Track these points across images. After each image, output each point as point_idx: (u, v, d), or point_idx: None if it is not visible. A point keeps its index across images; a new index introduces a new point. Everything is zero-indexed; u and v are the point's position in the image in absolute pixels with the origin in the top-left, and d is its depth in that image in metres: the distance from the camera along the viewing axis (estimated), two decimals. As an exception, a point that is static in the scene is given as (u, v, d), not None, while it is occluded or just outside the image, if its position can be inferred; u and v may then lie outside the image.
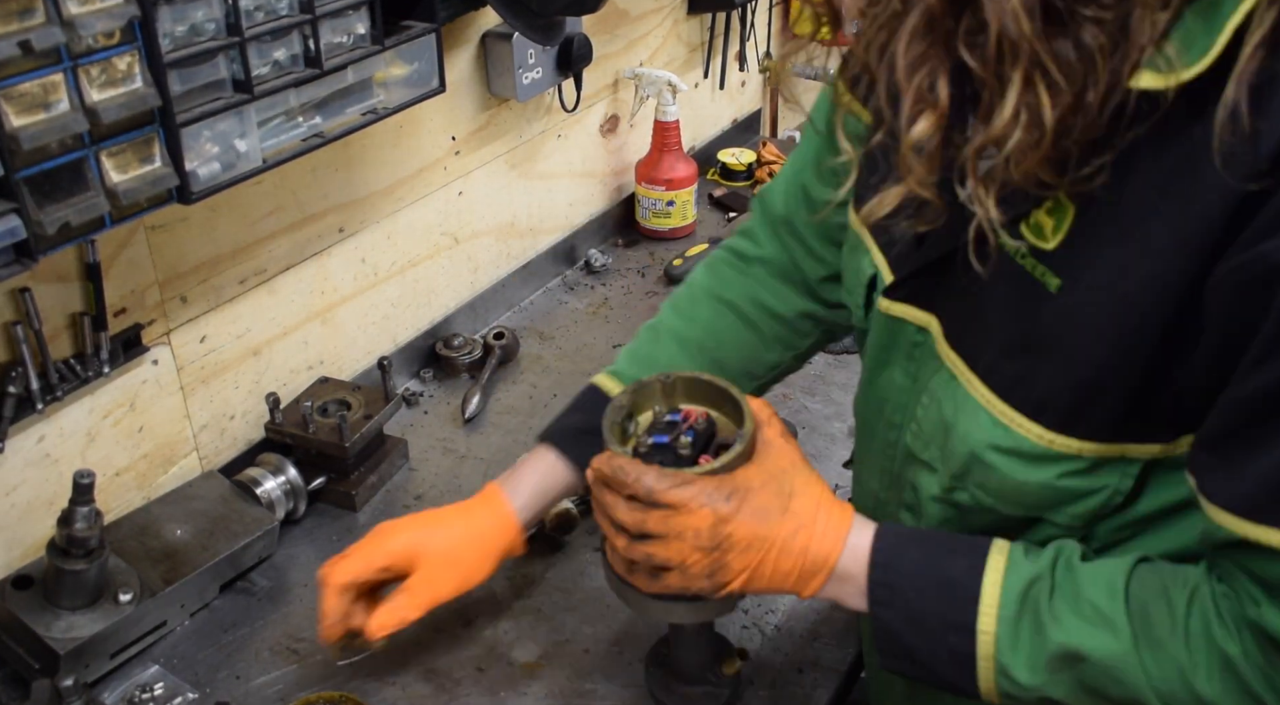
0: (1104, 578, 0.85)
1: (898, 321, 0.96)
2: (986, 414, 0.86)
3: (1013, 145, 0.72)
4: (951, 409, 0.89)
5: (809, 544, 0.93)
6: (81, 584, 1.22)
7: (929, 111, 0.75)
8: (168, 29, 1.10)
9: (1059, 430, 0.83)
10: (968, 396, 0.88)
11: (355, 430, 1.50)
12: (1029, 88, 0.70)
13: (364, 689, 1.26)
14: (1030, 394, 0.84)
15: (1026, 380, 0.84)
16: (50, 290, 1.26)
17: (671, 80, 2.07)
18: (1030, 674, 0.86)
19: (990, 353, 0.86)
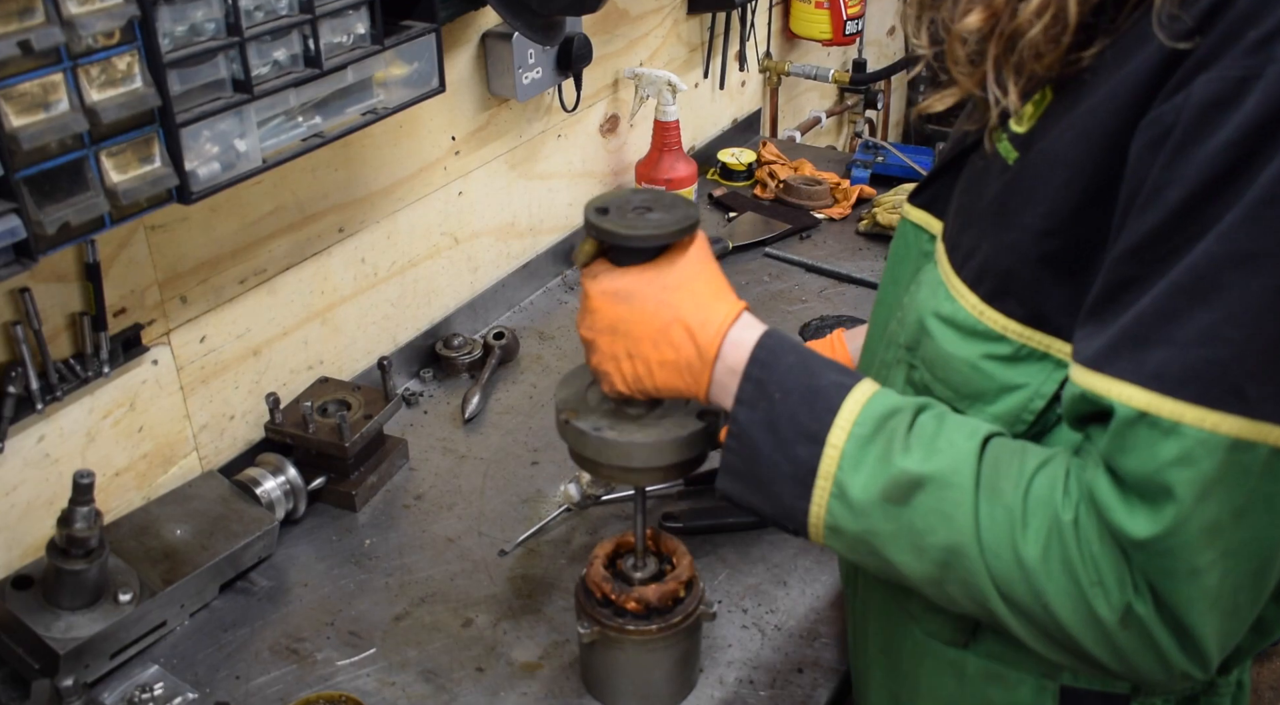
0: (971, 424, 0.85)
1: (913, 228, 1.00)
2: (943, 286, 0.90)
3: (1034, 34, 0.76)
4: (924, 284, 0.94)
5: (686, 335, 0.93)
6: (81, 584, 1.22)
7: (981, 6, 0.79)
8: (167, 29, 1.10)
9: (990, 302, 0.85)
10: (937, 274, 0.92)
11: (355, 430, 1.50)
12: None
13: (364, 689, 1.26)
14: (973, 262, 0.87)
15: (975, 251, 0.87)
16: (50, 290, 1.26)
17: (671, 80, 2.07)
18: (865, 497, 0.84)
19: (959, 231, 0.91)
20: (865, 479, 0.84)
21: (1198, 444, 0.71)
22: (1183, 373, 0.71)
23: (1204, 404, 0.71)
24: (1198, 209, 0.70)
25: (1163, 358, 0.72)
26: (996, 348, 0.85)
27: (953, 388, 0.89)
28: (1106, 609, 0.76)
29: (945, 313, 0.89)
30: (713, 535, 1.47)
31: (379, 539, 1.49)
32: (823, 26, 2.58)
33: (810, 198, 2.26)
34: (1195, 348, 0.71)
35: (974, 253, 0.87)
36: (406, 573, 1.43)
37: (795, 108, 2.85)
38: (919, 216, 1.00)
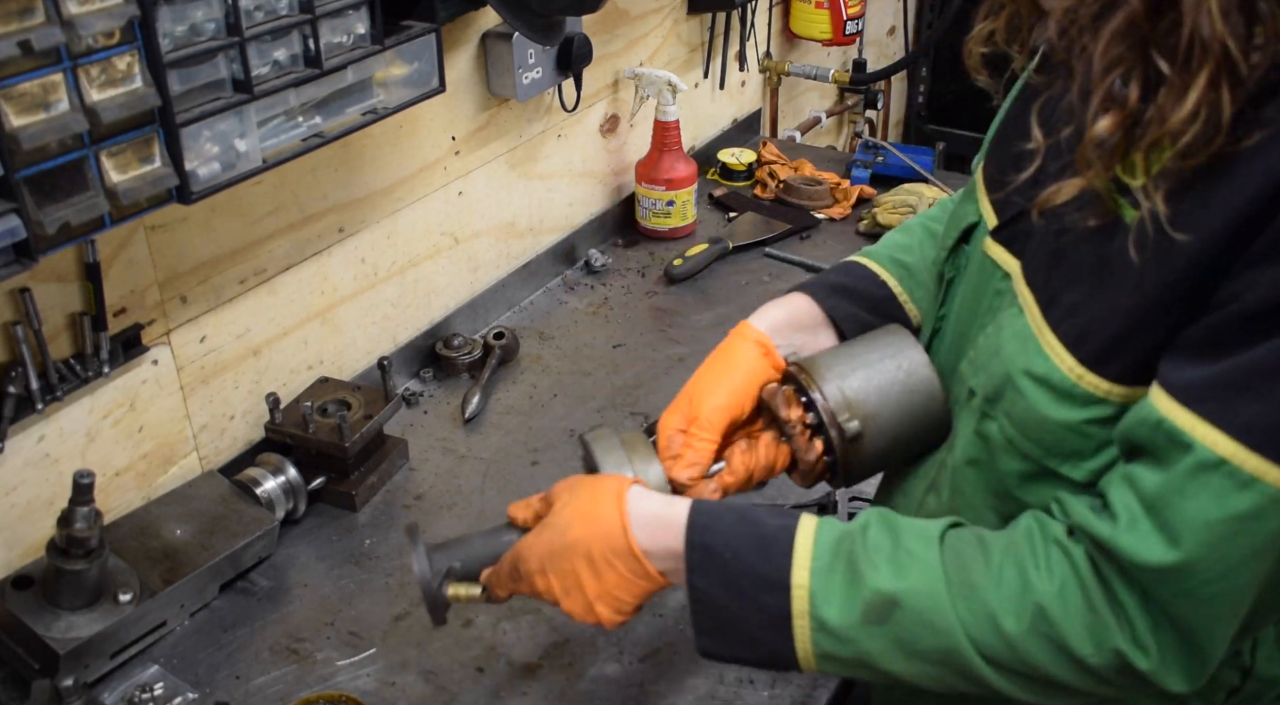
0: (920, 528, 0.88)
1: (991, 264, 0.97)
2: (1035, 341, 0.86)
3: (1186, 142, 0.73)
4: (1009, 335, 0.90)
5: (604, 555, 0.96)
6: (81, 584, 1.22)
7: (1115, 110, 0.76)
8: (167, 29, 1.10)
9: (1090, 366, 0.82)
10: (1025, 324, 0.88)
11: (355, 430, 1.50)
12: (1213, 87, 0.71)
13: (364, 689, 1.26)
14: (1076, 322, 0.84)
15: (1078, 309, 0.84)
16: (50, 290, 1.26)
17: (671, 80, 2.07)
18: (845, 624, 0.87)
19: (1056, 284, 0.86)
20: (840, 606, 0.87)
21: (1271, 502, 0.73)
22: (1271, 431, 0.72)
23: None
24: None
25: (1258, 412, 0.72)
26: (1097, 411, 0.83)
27: (1044, 448, 0.87)
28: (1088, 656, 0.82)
29: (1038, 372, 0.85)
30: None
31: (379, 539, 1.49)
32: (823, 26, 2.58)
33: (810, 198, 2.26)
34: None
35: (1076, 311, 0.84)
36: (406, 573, 1.43)
37: (795, 108, 2.85)
38: (999, 254, 0.96)
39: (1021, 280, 0.92)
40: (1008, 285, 0.94)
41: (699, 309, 1.96)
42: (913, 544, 0.87)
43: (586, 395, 1.76)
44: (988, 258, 0.97)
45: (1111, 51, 0.75)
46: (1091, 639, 0.81)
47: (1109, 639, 0.80)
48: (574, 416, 1.71)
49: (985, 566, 0.85)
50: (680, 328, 1.92)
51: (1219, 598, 0.77)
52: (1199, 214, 0.76)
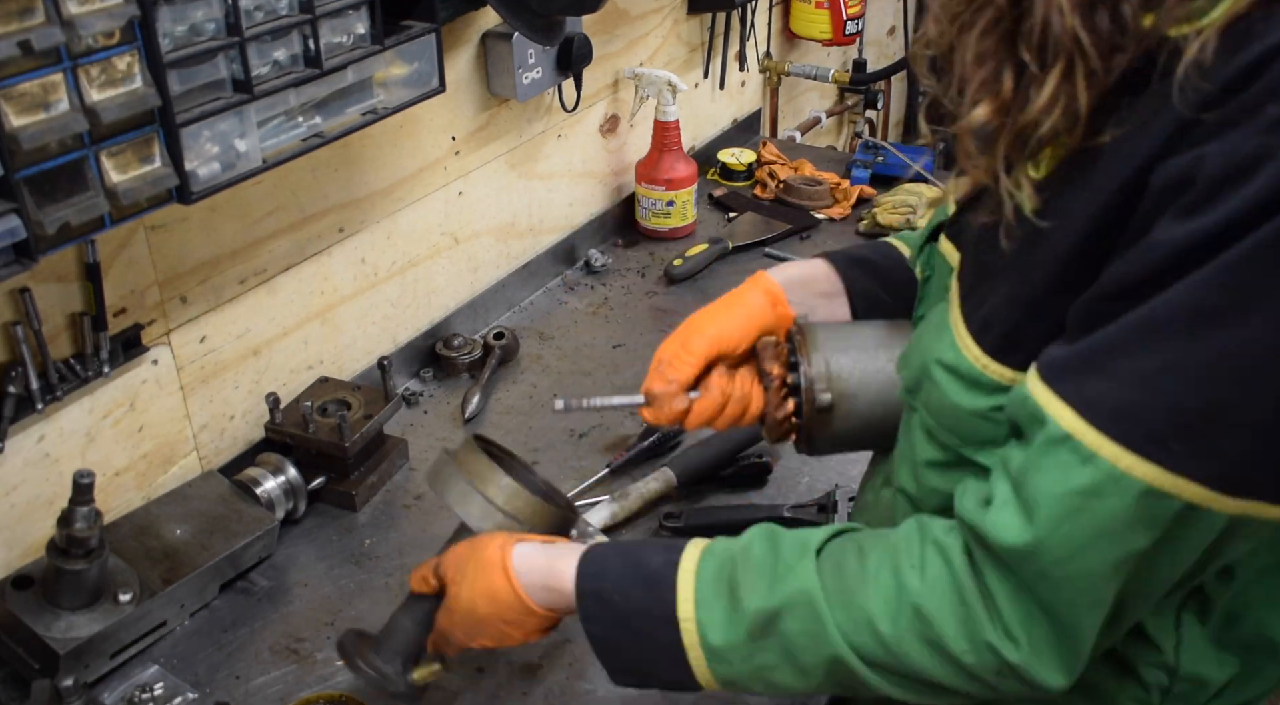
0: (800, 539, 0.90)
1: (942, 259, 0.99)
2: (949, 331, 0.89)
3: (1045, 130, 0.76)
4: (930, 326, 0.93)
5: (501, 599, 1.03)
6: (81, 584, 1.22)
7: (989, 99, 0.79)
8: (167, 29, 1.10)
9: (994, 355, 0.84)
10: (944, 316, 0.91)
11: (355, 430, 1.50)
12: (1068, 77, 0.74)
13: (364, 689, 1.26)
14: (982, 313, 0.86)
15: (985, 300, 0.86)
16: (50, 290, 1.26)
17: (671, 80, 2.07)
18: (733, 645, 0.89)
19: (973, 277, 0.90)
20: (725, 630, 0.90)
21: (1109, 479, 0.73)
22: (1114, 408, 0.73)
23: (1124, 444, 0.73)
24: (1176, 270, 0.71)
25: (1101, 388, 0.74)
26: (1003, 399, 0.84)
27: (960, 436, 0.88)
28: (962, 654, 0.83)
29: (948, 361, 0.87)
30: (713, 536, 1.47)
31: (379, 539, 1.49)
32: (823, 26, 2.58)
33: (810, 198, 2.26)
34: (1132, 388, 0.73)
35: (984, 302, 0.86)
36: (406, 573, 1.42)
37: (795, 108, 2.85)
38: (946, 249, 0.99)
39: (956, 277, 0.94)
40: (950, 280, 0.97)
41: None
42: (789, 556, 0.89)
43: (586, 395, 1.75)
44: (940, 254, 1.00)
45: (981, 44, 0.79)
46: (965, 634, 0.81)
47: (980, 632, 0.81)
48: (574, 416, 1.71)
49: (861, 572, 0.86)
50: (680, 328, 1.92)
51: (1074, 580, 0.77)
52: (1067, 205, 0.79)
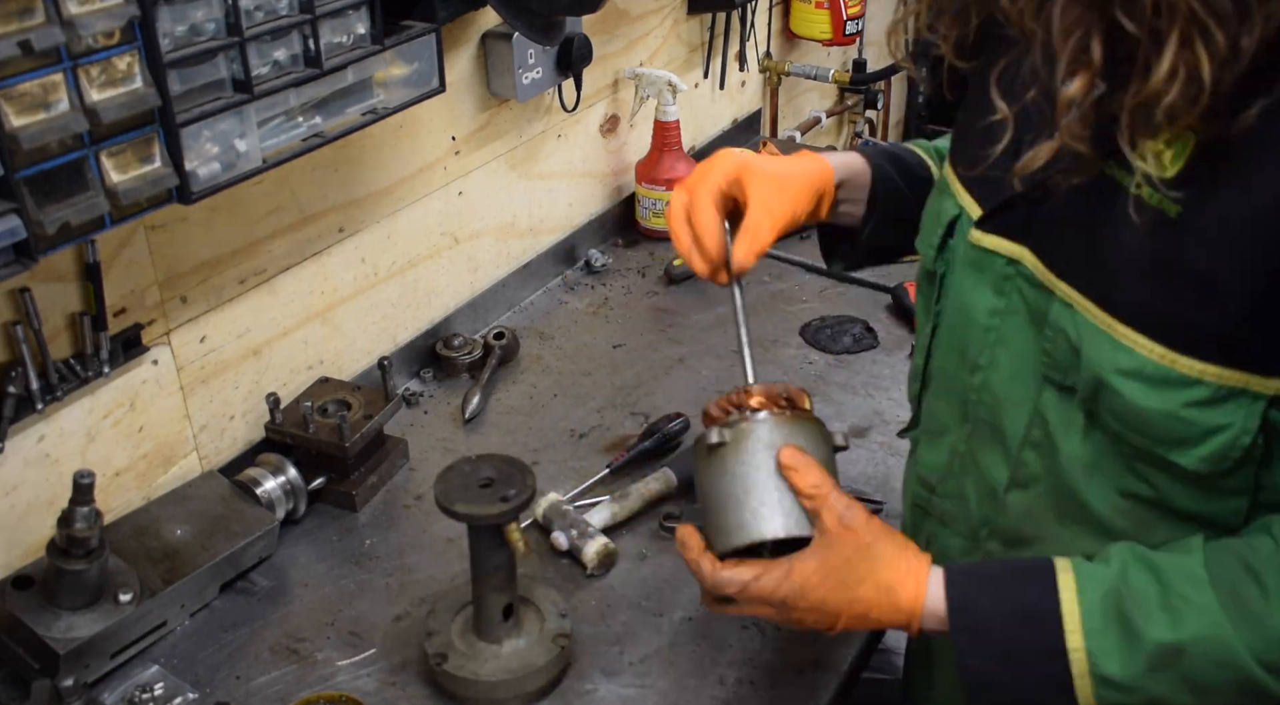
0: (1183, 569, 0.87)
1: (987, 254, 0.97)
2: (1107, 336, 0.86)
3: (1169, 101, 0.74)
4: (1076, 334, 0.89)
5: (882, 619, 0.99)
6: (81, 584, 1.22)
7: (1083, 71, 0.78)
8: (167, 29, 1.10)
9: (1181, 350, 0.83)
10: (1087, 321, 0.88)
11: (355, 430, 1.50)
12: (1186, 45, 0.73)
13: (364, 689, 1.26)
14: (1149, 314, 0.84)
15: (1144, 302, 0.84)
16: (50, 290, 1.26)
17: (671, 80, 2.07)
18: (1129, 676, 0.87)
19: (1104, 279, 0.87)
20: (1121, 662, 0.87)
21: None
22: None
23: None
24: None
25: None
26: (1194, 393, 0.84)
27: (1152, 437, 0.87)
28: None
29: (1128, 367, 0.86)
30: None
31: (379, 539, 1.49)
32: (823, 26, 2.58)
33: (810, 198, 2.26)
34: None
35: (1147, 305, 0.85)
36: (407, 573, 1.43)
37: (795, 108, 2.85)
38: (995, 243, 0.96)
39: (1046, 270, 0.92)
40: (1015, 272, 0.95)
41: (699, 309, 1.96)
42: (1185, 589, 0.86)
43: (586, 395, 1.76)
44: (979, 249, 0.98)
45: (1069, 13, 0.78)
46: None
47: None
48: (574, 416, 1.71)
49: (1263, 596, 0.84)
50: (680, 328, 1.92)
51: None
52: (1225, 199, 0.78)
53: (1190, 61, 0.73)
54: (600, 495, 1.52)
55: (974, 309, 1.00)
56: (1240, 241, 0.79)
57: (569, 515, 1.46)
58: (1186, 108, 0.75)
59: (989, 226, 0.97)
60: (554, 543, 1.44)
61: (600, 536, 1.42)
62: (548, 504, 1.47)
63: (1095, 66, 0.78)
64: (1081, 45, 0.78)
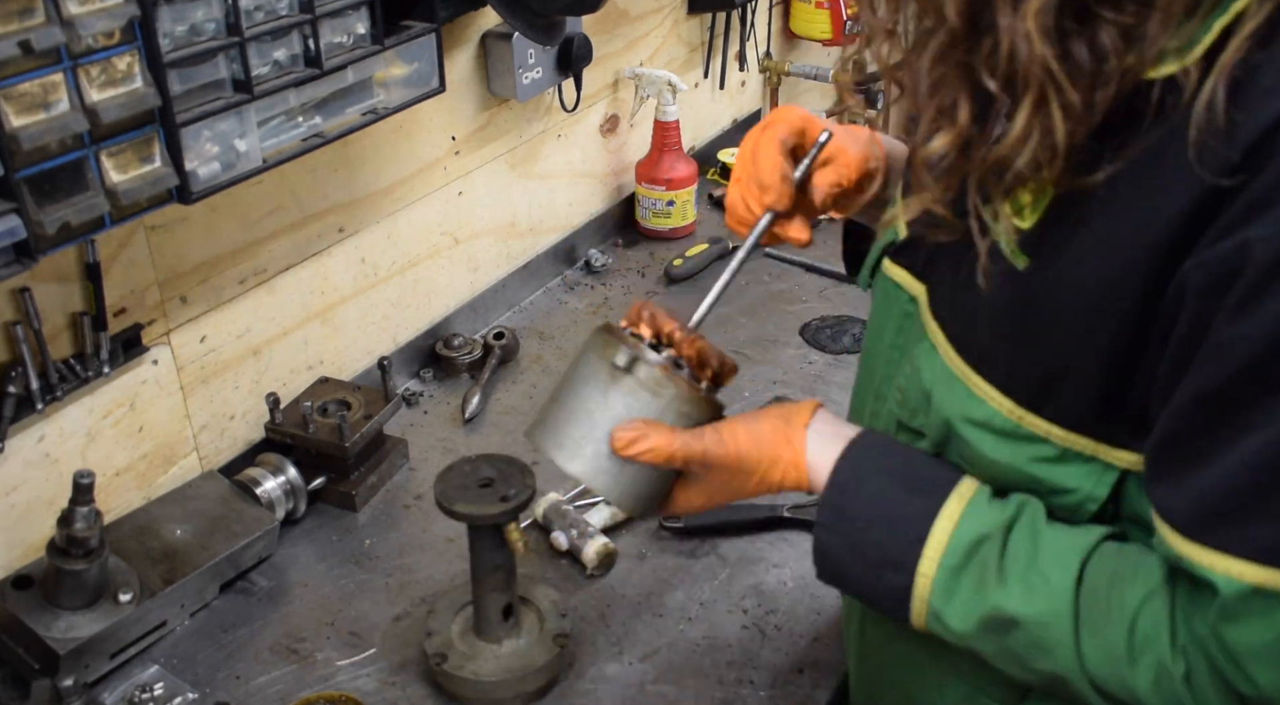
0: (1061, 549, 0.83)
1: (894, 287, 0.95)
2: (962, 385, 0.86)
3: (1022, 162, 0.73)
4: (930, 378, 0.89)
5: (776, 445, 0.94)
6: (81, 584, 1.22)
7: (947, 129, 0.76)
8: (167, 29, 1.10)
9: (1027, 407, 0.82)
10: (945, 367, 0.88)
11: (355, 430, 1.50)
12: (1041, 107, 0.71)
13: (364, 689, 1.26)
14: (998, 367, 0.83)
15: (995, 354, 0.84)
16: (50, 290, 1.26)
17: (671, 80, 2.07)
18: (961, 625, 0.85)
19: (961, 325, 0.87)
20: (960, 609, 0.85)
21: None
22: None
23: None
24: (1267, 366, 0.68)
25: (1267, 532, 0.70)
26: (1040, 450, 0.83)
27: (1005, 484, 0.87)
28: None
29: (978, 417, 0.85)
30: (713, 535, 1.47)
31: (379, 539, 1.49)
32: (823, 26, 2.58)
33: (810, 198, 2.26)
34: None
35: (995, 358, 0.84)
36: (406, 573, 1.43)
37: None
38: (900, 276, 0.95)
39: (928, 311, 0.91)
40: (914, 310, 0.93)
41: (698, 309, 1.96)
42: (1049, 567, 0.82)
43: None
44: (888, 278, 0.96)
45: (935, 71, 0.76)
46: None
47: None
48: (574, 416, 1.71)
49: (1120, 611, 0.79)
50: (680, 328, 1.92)
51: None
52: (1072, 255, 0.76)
53: (1045, 123, 0.72)
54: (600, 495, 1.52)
55: (880, 340, 0.99)
56: (1083, 301, 0.77)
57: (569, 515, 1.46)
58: (1038, 168, 0.74)
59: (900, 259, 0.95)
60: (554, 543, 1.44)
61: (600, 536, 1.42)
62: (548, 504, 1.47)
63: (960, 127, 0.76)
64: (948, 103, 0.76)
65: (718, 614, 1.35)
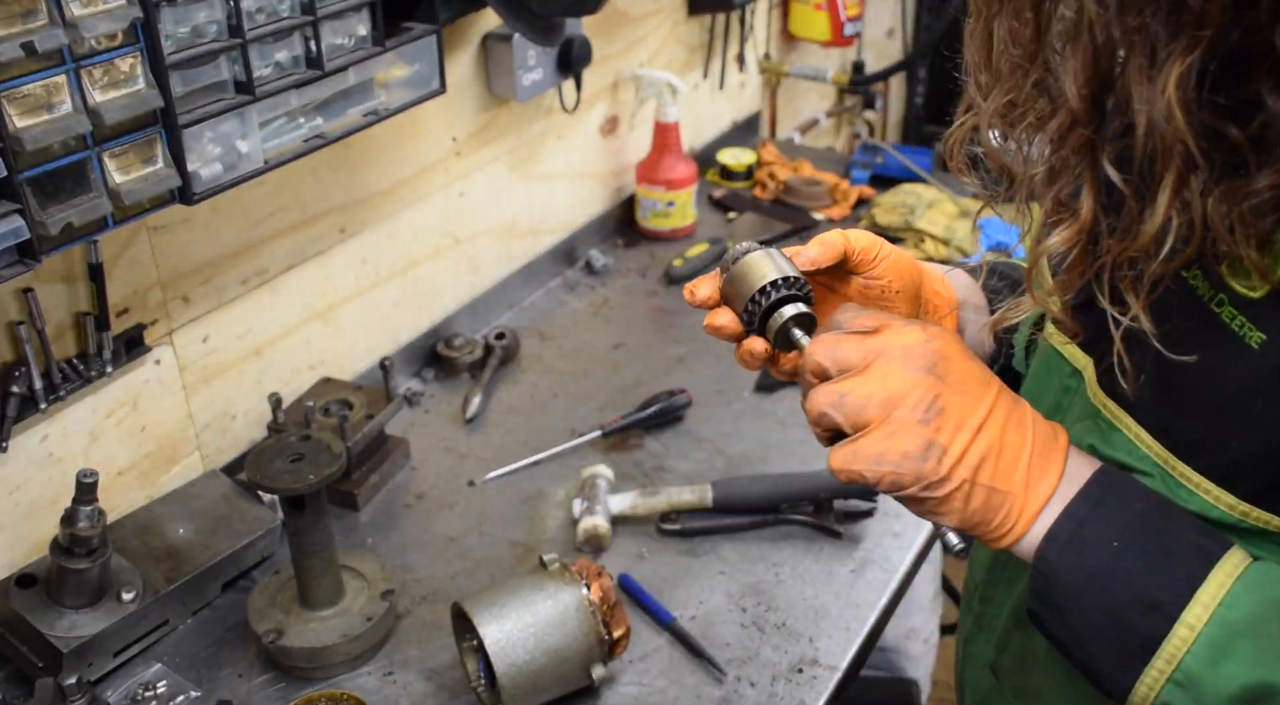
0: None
1: (1057, 357, 0.83)
2: (1166, 473, 0.74)
3: (1168, 250, 0.65)
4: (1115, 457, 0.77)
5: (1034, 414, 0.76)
6: (84, 583, 1.23)
7: (1069, 221, 0.69)
8: (170, 30, 1.11)
9: (1255, 502, 0.70)
10: (1136, 449, 0.75)
11: (357, 430, 1.51)
12: (1182, 187, 0.63)
13: (365, 688, 1.27)
14: (1219, 460, 0.71)
15: (1213, 443, 0.71)
16: (53, 290, 1.27)
17: (671, 81, 2.07)
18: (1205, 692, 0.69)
19: (1167, 410, 0.73)
20: (1216, 673, 0.68)
21: None
22: None
23: None
24: None
25: None
26: (1270, 537, 0.71)
27: None
28: None
29: (1189, 508, 0.73)
30: (712, 535, 1.48)
31: (380, 538, 1.49)
32: (822, 28, 2.59)
33: (810, 198, 2.27)
34: None
35: (1216, 447, 0.71)
36: (408, 572, 1.43)
37: (794, 109, 2.86)
38: (1067, 349, 0.82)
39: (1099, 390, 0.78)
40: (1077, 384, 0.82)
41: (699, 309, 1.96)
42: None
43: (587, 395, 1.76)
44: (1053, 348, 0.84)
45: (1054, 156, 0.69)
46: None
47: None
48: (574, 416, 1.71)
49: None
50: (680, 328, 1.93)
51: None
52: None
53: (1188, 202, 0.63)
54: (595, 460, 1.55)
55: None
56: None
57: (596, 489, 1.49)
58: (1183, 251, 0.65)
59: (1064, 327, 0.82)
60: (572, 509, 1.48)
61: (601, 518, 1.43)
62: (591, 473, 1.51)
63: (1084, 219, 0.68)
64: (1069, 193, 0.68)
65: (718, 613, 1.36)
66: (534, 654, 1.18)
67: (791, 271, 0.84)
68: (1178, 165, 0.63)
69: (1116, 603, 0.71)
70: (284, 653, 1.26)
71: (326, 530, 1.26)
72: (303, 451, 1.23)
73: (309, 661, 1.26)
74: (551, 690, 1.21)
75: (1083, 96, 0.65)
